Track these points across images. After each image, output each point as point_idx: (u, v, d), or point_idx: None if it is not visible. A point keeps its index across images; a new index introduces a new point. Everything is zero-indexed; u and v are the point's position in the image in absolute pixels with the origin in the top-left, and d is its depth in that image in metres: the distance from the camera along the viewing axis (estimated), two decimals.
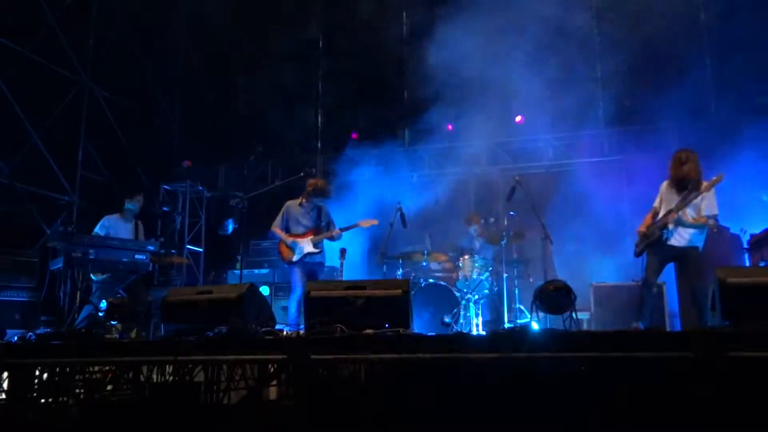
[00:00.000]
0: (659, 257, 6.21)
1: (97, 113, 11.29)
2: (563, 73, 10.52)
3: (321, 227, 7.41)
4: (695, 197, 5.97)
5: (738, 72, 9.57)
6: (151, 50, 12.46)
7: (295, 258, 7.23)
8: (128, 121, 11.97)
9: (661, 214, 6.28)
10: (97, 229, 7.50)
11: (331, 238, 7.40)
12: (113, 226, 7.57)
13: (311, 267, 7.33)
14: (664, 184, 6.37)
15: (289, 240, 7.26)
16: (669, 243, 6.07)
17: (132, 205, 7.72)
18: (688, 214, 6.02)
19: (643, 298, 6.17)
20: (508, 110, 11.48)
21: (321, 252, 7.37)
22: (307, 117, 13.90)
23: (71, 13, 10.59)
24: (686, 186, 6.08)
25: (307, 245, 7.27)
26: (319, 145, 13.58)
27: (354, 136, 12.82)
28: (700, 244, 6.10)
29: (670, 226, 6.02)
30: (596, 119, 11.16)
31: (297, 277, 7.24)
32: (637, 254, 6.41)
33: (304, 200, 7.44)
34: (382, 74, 12.89)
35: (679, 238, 6.07)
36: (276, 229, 7.43)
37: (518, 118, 11.56)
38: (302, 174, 7.59)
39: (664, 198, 6.32)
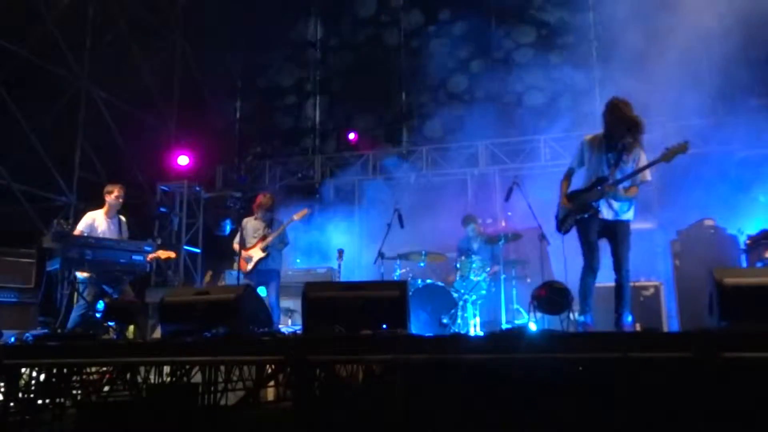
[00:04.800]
0: (593, 234, 5.35)
1: (94, 114, 11.28)
2: (562, 74, 10.55)
3: (268, 234, 7.87)
4: (624, 161, 5.26)
5: (736, 72, 9.59)
6: (149, 50, 12.45)
7: (249, 267, 7.75)
8: (125, 122, 11.96)
9: (586, 178, 5.50)
10: (81, 227, 7.38)
11: (282, 242, 7.92)
12: (96, 223, 7.47)
13: (262, 275, 7.73)
14: (590, 138, 5.53)
15: (244, 254, 7.80)
16: (600, 216, 5.32)
17: (113, 200, 7.63)
18: (617, 177, 5.26)
19: (588, 288, 5.39)
20: (506, 110, 11.51)
21: (269, 255, 7.78)
22: (305, 118, 13.91)
23: (68, 13, 10.58)
24: (617, 144, 5.29)
25: (256, 253, 7.77)
26: (317, 145, 13.59)
27: (353, 136, 12.80)
28: (632, 218, 5.41)
29: (606, 196, 5.26)
30: (593, 119, 11.17)
31: None
32: (565, 231, 5.61)
33: (256, 215, 8.00)
34: (380, 75, 12.90)
35: (609, 209, 5.33)
36: (235, 245, 7.96)
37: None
38: (299, 175, 7.62)
39: (588, 157, 5.48)
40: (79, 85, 10.94)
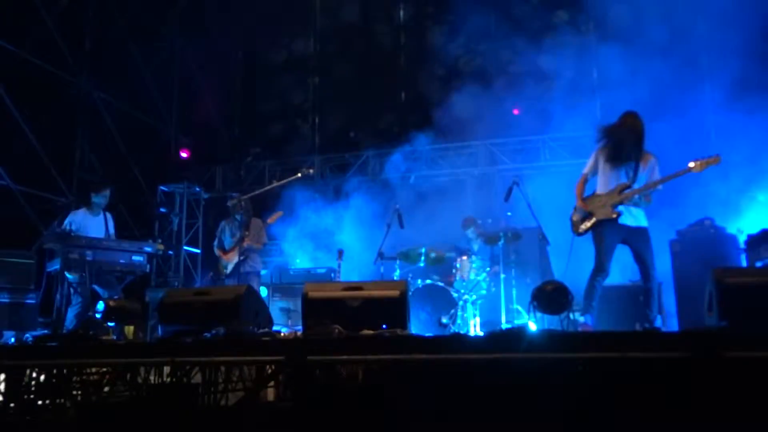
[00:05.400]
0: (611, 239, 5.53)
1: (94, 114, 11.28)
2: (562, 74, 10.55)
3: (243, 237, 7.88)
4: (641, 170, 5.50)
5: (736, 70, 9.59)
6: (149, 51, 12.46)
7: (227, 271, 7.94)
8: (125, 123, 11.97)
9: (603, 185, 5.69)
10: (65, 226, 7.34)
11: (259, 242, 8.02)
12: (81, 221, 7.45)
13: (242, 280, 7.71)
14: (602, 148, 5.74)
15: (222, 258, 8.01)
16: (620, 222, 5.51)
17: (99, 199, 7.59)
18: (636, 185, 5.52)
19: (595, 289, 5.54)
20: (505, 110, 11.50)
21: (246, 259, 7.86)
22: (305, 118, 13.91)
23: (68, 14, 10.58)
24: (629, 155, 5.52)
25: (233, 257, 7.87)
26: (316, 145, 13.58)
27: (352, 134, 12.81)
28: (647, 223, 5.63)
29: (628, 204, 5.47)
30: (593, 119, 11.17)
31: None
32: (581, 233, 5.74)
33: (231, 218, 8.12)
34: (380, 74, 12.90)
35: (630, 216, 5.54)
36: (216, 249, 8.20)
37: (515, 111, 11.57)
38: (299, 175, 7.63)
39: (602, 165, 5.70)
40: (78, 85, 10.94)
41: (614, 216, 5.51)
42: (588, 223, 5.66)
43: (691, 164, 5.43)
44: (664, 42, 9.50)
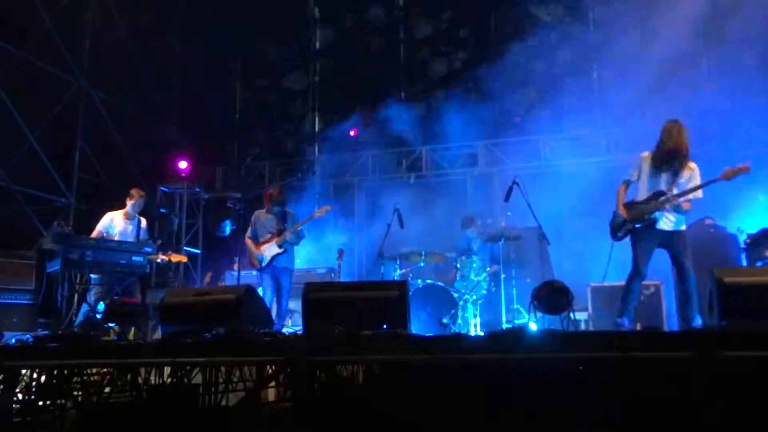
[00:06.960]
0: (648, 244, 5.71)
1: (93, 115, 11.27)
2: (561, 73, 10.55)
3: (284, 229, 7.68)
4: (681, 177, 5.64)
5: (736, 70, 9.58)
6: (148, 51, 12.44)
7: (263, 264, 7.62)
8: (125, 123, 11.95)
9: (643, 192, 5.82)
10: (99, 227, 7.47)
11: (298, 237, 7.72)
12: (116, 223, 7.56)
13: (278, 272, 7.60)
14: (646, 155, 5.87)
15: (256, 251, 7.67)
16: (657, 227, 5.66)
17: (133, 208, 7.70)
18: (674, 193, 5.64)
19: (632, 291, 5.73)
20: (505, 110, 11.51)
21: (285, 252, 7.61)
22: (304, 118, 13.91)
23: (67, 14, 10.57)
24: (673, 162, 5.64)
25: (272, 249, 7.59)
26: (316, 146, 13.59)
27: (353, 133, 12.77)
28: (685, 227, 5.77)
29: (665, 210, 5.60)
30: (594, 119, 11.18)
31: (265, 283, 7.63)
32: (619, 238, 5.89)
33: (267, 209, 7.83)
34: (380, 75, 12.90)
35: (668, 221, 5.67)
36: (247, 240, 7.87)
37: (517, 119, 11.59)
38: (299, 175, 7.62)
39: (645, 172, 5.83)
40: (78, 86, 10.93)
41: (650, 222, 5.67)
42: (625, 229, 5.83)
43: (723, 174, 5.55)
44: (662, 42, 9.49)
